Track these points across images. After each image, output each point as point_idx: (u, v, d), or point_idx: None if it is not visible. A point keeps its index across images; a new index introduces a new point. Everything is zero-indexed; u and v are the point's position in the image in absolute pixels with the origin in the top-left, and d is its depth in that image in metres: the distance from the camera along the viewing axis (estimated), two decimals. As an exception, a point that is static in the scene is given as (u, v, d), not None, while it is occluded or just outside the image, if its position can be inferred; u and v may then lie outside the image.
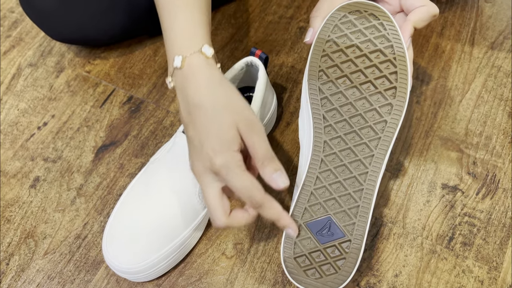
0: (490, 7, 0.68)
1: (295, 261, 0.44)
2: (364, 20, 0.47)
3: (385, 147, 0.45)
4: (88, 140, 0.60)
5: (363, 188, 0.45)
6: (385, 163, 0.45)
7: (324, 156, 0.46)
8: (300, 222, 0.45)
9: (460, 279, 0.49)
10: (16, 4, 0.73)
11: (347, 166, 0.45)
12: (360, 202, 0.44)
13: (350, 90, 0.46)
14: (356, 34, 0.47)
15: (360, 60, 0.46)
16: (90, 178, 0.57)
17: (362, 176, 0.45)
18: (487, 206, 0.53)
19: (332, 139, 0.46)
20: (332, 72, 0.47)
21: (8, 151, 0.59)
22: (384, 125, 0.45)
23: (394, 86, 0.46)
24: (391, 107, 0.45)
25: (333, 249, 0.44)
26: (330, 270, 0.44)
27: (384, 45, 0.46)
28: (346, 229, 0.44)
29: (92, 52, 0.67)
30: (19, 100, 0.64)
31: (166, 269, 0.49)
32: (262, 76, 0.51)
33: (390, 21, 0.47)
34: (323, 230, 0.44)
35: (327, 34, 0.47)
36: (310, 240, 0.44)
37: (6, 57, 0.68)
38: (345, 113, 0.46)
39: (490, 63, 0.63)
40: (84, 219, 0.54)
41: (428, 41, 0.65)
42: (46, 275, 0.51)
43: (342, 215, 0.45)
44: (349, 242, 0.44)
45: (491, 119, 0.58)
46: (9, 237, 0.53)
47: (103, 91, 0.64)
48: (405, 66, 0.46)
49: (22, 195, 0.56)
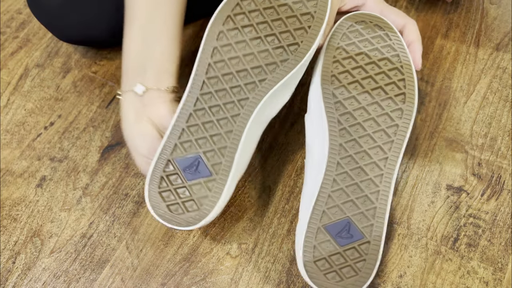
0: (495, 8, 0.68)
1: (315, 265, 0.44)
2: (370, 30, 0.49)
3: (398, 149, 0.46)
4: (94, 140, 0.60)
5: (379, 190, 0.45)
6: (398, 165, 0.46)
7: (340, 159, 0.46)
8: (319, 225, 0.45)
9: (465, 280, 0.49)
10: (23, 5, 0.74)
11: (363, 168, 0.46)
12: (377, 204, 0.45)
13: (362, 95, 0.47)
14: (364, 42, 0.49)
15: (369, 67, 0.48)
16: (96, 177, 0.57)
17: (378, 178, 0.46)
18: (492, 207, 0.53)
19: (347, 142, 0.47)
20: (344, 77, 0.48)
21: (15, 151, 0.60)
22: (396, 129, 0.47)
23: (403, 92, 0.47)
24: (402, 112, 0.47)
25: (353, 251, 0.44)
26: (350, 272, 0.44)
27: (390, 54, 0.48)
28: (364, 230, 0.44)
29: (99, 53, 0.68)
30: (26, 100, 0.64)
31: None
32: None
33: (394, 32, 0.49)
34: (342, 232, 0.44)
35: (336, 41, 0.49)
36: (329, 243, 0.44)
37: (13, 57, 0.68)
38: (359, 117, 0.47)
39: (495, 65, 0.63)
40: (89, 218, 0.55)
41: (433, 43, 0.65)
42: (52, 273, 0.51)
43: (360, 216, 0.45)
44: (368, 244, 0.44)
45: (496, 120, 0.58)
46: (16, 235, 0.54)
47: (109, 92, 0.64)
48: (412, 74, 0.48)
49: (29, 194, 0.57)
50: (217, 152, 0.45)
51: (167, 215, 0.44)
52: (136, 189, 0.56)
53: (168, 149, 0.45)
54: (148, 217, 0.54)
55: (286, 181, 0.56)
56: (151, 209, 0.45)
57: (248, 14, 0.46)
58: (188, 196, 0.44)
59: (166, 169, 0.45)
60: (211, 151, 0.45)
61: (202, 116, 0.45)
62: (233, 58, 0.46)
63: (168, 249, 0.52)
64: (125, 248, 0.52)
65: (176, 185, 0.45)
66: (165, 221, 0.44)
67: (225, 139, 0.45)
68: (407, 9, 0.69)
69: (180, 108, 0.46)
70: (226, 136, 0.45)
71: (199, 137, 0.45)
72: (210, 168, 0.45)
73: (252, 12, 0.46)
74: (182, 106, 0.46)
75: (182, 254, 0.52)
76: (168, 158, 0.45)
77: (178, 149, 0.45)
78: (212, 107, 0.45)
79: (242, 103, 0.45)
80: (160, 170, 0.45)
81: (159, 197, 0.45)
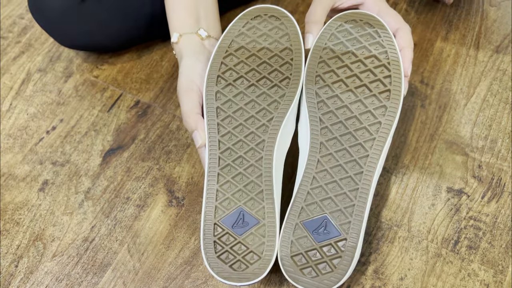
0: (495, 10, 0.68)
1: (292, 259, 0.45)
2: (359, 28, 0.49)
3: (379, 147, 0.46)
4: (95, 144, 0.61)
5: (358, 188, 0.45)
6: (380, 163, 0.46)
7: (320, 156, 0.47)
8: (297, 221, 0.46)
9: (466, 282, 0.49)
10: (25, 10, 0.74)
11: (343, 166, 0.46)
12: (355, 201, 0.45)
13: (345, 94, 0.47)
14: (351, 41, 0.49)
15: (355, 65, 0.48)
16: (98, 181, 0.58)
17: (358, 176, 0.46)
18: (492, 210, 0.53)
19: (328, 140, 0.47)
20: (329, 77, 0.48)
21: (18, 155, 0.60)
22: (378, 126, 0.46)
23: (388, 89, 0.47)
24: (385, 109, 0.47)
25: (329, 248, 0.45)
26: (326, 268, 0.44)
27: (378, 51, 0.48)
28: (341, 227, 0.45)
29: (100, 57, 0.68)
30: (28, 105, 0.65)
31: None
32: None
33: (384, 29, 0.49)
34: (319, 228, 0.45)
35: (324, 42, 0.49)
36: (307, 238, 0.45)
37: (15, 62, 0.69)
38: (341, 115, 0.47)
39: (495, 67, 0.63)
40: (91, 222, 0.55)
41: (433, 45, 0.66)
42: (54, 277, 0.52)
43: (338, 214, 0.45)
44: (345, 241, 0.44)
45: (496, 122, 0.58)
46: (18, 239, 0.54)
47: (111, 96, 0.65)
48: (399, 70, 0.47)
49: (31, 198, 0.57)
50: (256, 199, 0.46)
51: (233, 275, 0.45)
52: (138, 193, 0.56)
53: (210, 213, 0.46)
54: (149, 220, 0.55)
55: (286, 183, 0.56)
56: (215, 275, 0.45)
57: (234, 67, 0.49)
58: (246, 250, 0.45)
59: (216, 232, 0.46)
60: (250, 200, 0.46)
61: (229, 172, 0.47)
62: (237, 111, 0.48)
63: (170, 253, 0.52)
64: (127, 252, 0.53)
65: (230, 243, 0.45)
66: (234, 281, 0.44)
67: (258, 185, 0.46)
68: (407, 11, 0.69)
69: (206, 171, 0.47)
70: (258, 181, 0.46)
71: (234, 191, 0.46)
72: (255, 216, 0.46)
73: (237, 65, 0.49)
74: (208, 169, 0.47)
75: (184, 257, 0.52)
76: (214, 221, 0.46)
77: (219, 210, 0.46)
78: (235, 160, 0.47)
79: (260, 146, 0.47)
80: (211, 235, 0.46)
81: (219, 261, 0.45)
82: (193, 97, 0.49)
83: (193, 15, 0.53)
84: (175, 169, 0.58)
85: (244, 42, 0.49)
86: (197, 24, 0.54)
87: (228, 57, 0.49)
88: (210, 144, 0.47)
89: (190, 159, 0.59)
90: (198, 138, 0.48)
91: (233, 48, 0.49)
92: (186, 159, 0.59)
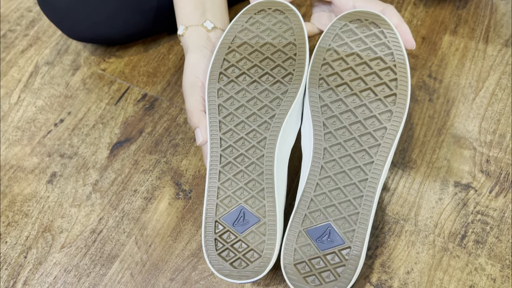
0: (504, 4, 0.67)
1: (295, 267, 0.44)
2: (365, 28, 0.47)
3: (385, 153, 0.45)
4: (103, 136, 0.61)
5: (363, 195, 0.44)
6: (385, 170, 0.45)
7: (324, 163, 0.46)
8: (300, 228, 0.45)
9: (473, 277, 0.49)
10: (33, 3, 0.74)
11: (347, 172, 0.45)
12: (360, 209, 0.44)
13: (350, 98, 0.46)
14: (356, 42, 0.47)
15: (360, 67, 0.47)
16: (105, 174, 0.58)
17: (362, 183, 0.45)
18: (500, 204, 0.53)
19: (332, 146, 0.46)
20: (333, 80, 0.47)
21: (26, 147, 0.61)
22: (384, 132, 0.45)
23: (394, 93, 0.45)
24: (391, 114, 0.45)
25: (333, 256, 0.44)
26: (330, 277, 0.44)
27: (384, 53, 0.46)
28: (346, 236, 0.44)
29: (107, 50, 0.68)
30: (36, 98, 0.65)
31: None
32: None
33: (390, 29, 0.47)
34: (323, 236, 0.44)
35: (327, 43, 0.48)
36: (310, 246, 0.44)
37: (24, 55, 0.69)
38: (345, 120, 0.46)
39: (504, 61, 0.62)
40: (99, 214, 0.55)
41: (442, 39, 0.65)
42: (63, 268, 0.52)
43: (342, 221, 0.44)
44: (349, 249, 0.44)
45: (505, 117, 0.58)
46: (27, 231, 0.55)
47: (118, 89, 0.65)
48: (406, 73, 0.46)
49: (40, 190, 0.57)
50: (257, 197, 0.46)
51: (233, 273, 0.45)
52: (145, 186, 0.57)
53: (211, 211, 0.46)
54: (156, 213, 0.55)
55: (290, 185, 0.56)
56: (216, 273, 0.45)
57: (237, 64, 0.48)
58: (246, 248, 0.45)
59: (216, 230, 0.46)
60: (251, 198, 0.46)
61: (230, 170, 0.47)
62: (239, 108, 0.47)
63: (177, 245, 0.53)
64: (134, 244, 0.53)
65: (231, 241, 0.45)
66: (234, 279, 0.45)
67: (259, 183, 0.46)
68: (415, 5, 0.69)
69: (208, 169, 0.47)
70: (259, 179, 0.46)
71: (235, 189, 0.46)
72: (256, 214, 0.46)
73: (240, 61, 0.48)
74: (209, 166, 0.47)
75: (191, 249, 0.52)
76: (215, 219, 0.46)
77: (220, 207, 0.46)
78: (237, 158, 0.47)
79: (262, 143, 0.47)
80: (212, 233, 0.46)
81: (220, 259, 0.45)
82: (197, 93, 0.49)
83: (200, 7, 0.53)
84: (182, 162, 0.58)
85: (247, 37, 0.49)
86: (203, 16, 0.53)
87: (231, 53, 0.49)
88: (211, 141, 0.47)
89: (197, 152, 0.59)
90: (200, 136, 0.48)
91: (236, 44, 0.49)
92: (193, 152, 0.59)
